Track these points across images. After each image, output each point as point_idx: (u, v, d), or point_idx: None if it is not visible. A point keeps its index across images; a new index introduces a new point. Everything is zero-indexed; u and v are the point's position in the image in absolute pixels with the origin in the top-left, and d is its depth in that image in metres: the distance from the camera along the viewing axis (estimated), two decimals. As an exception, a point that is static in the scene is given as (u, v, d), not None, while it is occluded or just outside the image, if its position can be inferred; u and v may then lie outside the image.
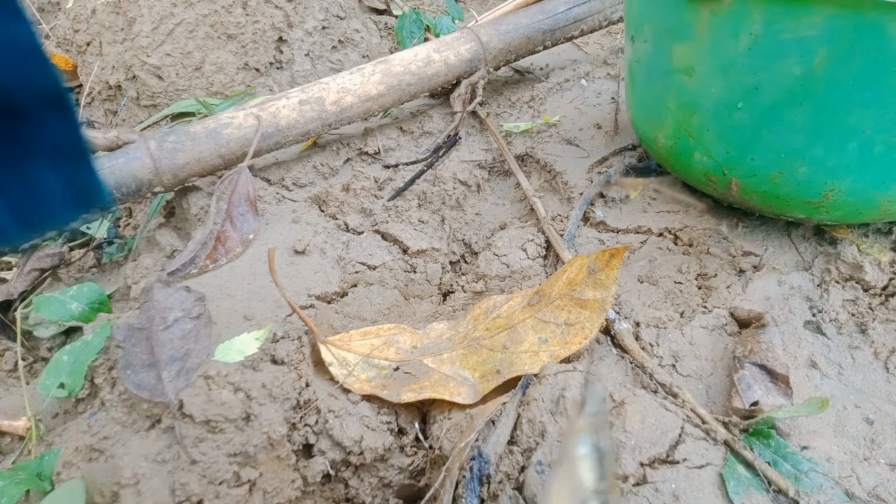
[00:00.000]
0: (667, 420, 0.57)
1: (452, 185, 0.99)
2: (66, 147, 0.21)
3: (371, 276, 0.84)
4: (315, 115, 0.95)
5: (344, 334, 0.69)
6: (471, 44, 1.09)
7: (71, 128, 0.21)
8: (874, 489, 0.56)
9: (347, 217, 0.93)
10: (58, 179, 0.21)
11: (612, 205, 0.92)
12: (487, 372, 0.64)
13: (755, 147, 0.70)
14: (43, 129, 0.20)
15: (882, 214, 0.71)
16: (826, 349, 0.69)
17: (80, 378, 0.65)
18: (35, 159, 0.20)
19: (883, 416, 0.62)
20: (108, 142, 0.85)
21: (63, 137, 0.20)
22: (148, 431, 0.59)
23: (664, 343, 0.69)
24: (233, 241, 0.84)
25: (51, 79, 0.19)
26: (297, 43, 1.17)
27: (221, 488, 0.56)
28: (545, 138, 1.08)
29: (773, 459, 0.56)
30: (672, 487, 0.53)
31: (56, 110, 0.20)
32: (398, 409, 0.66)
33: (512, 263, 0.83)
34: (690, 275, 0.78)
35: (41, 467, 0.58)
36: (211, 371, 0.61)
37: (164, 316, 0.66)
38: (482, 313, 0.70)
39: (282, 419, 0.61)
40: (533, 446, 0.57)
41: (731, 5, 0.65)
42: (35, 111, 0.19)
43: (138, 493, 0.54)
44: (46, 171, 0.21)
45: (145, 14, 1.06)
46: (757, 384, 0.61)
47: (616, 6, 1.22)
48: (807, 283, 0.75)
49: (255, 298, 0.76)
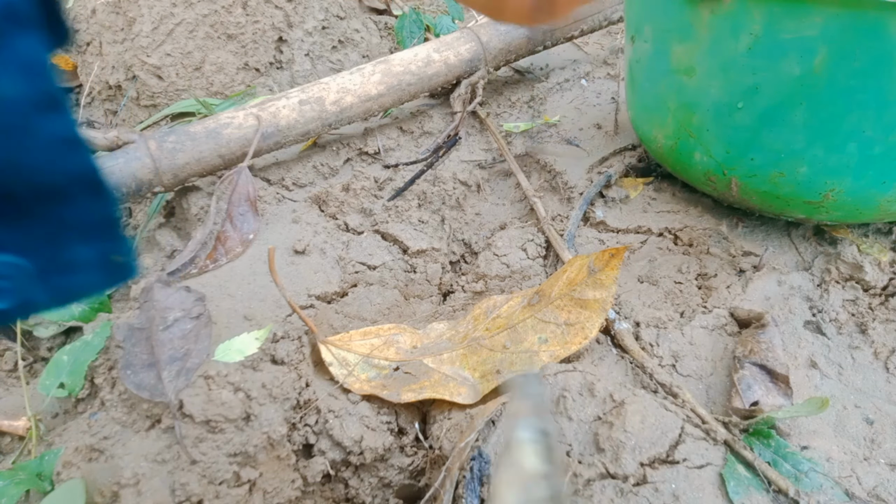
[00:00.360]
0: (667, 420, 0.57)
1: (452, 185, 0.99)
2: (102, 227, 0.22)
3: (371, 276, 0.84)
4: (315, 115, 0.95)
5: (344, 334, 0.69)
6: (471, 44, 1.09)
7: (108, 209, 0.22)
8: (874, 489, 0.56)
9: (347, 217, 0.93)
10: (93, 257, 0.22)
11: (612, 205, 0.92)
12: (487, 372, 0.64)
13: (755, 147, 0.70)
14: (81, 211, 0.21)
15: (882, 214, 0.71)
16: (826, 349, 0.69)
17: (80, 378, 0.65)
18: (73, 239, 0.21)
19: (883, 416, 0.62)
20: (108, 142, 0.85)
21: (100, 218, 0.21)
22: (148, 431, 0.59)
23: (664, 343, 0.69)
24: (233, 241, 0.84)
25: (90, 164, 0.20)
26: (297, 43, 1.17)
27: (221, 488, 0.56)
28: (545, 138, 1.08)
29: (773, 459, 0.56)
30: (672, 487, 0.53)
31: (93, 192, 0.21)
32: (398, 409, 0.66)
33: (512, 263, 0.83)
34: (690, 275, 0.78)
35: (41, 467, 0.58)
36: (211, 371, 0.61)
37: (164, 316, 0.66)
38: (482, 313, 0.70)
39: (282, 419, 0.61)
40: (533, 446, 0.57)
41: (731, 5, 0.65)
42: (74, 194, 0.20)
43: (138, 493, 0.54)
44: (83, 249, 0.22)
45: (145, 14, 1.06)
46: (757, 384, 0.61)
47: (616, 6, 1.22)
48: (807, 283, 0.75)
49: (255, 298, 0.76)
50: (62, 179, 0.20)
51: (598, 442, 0.56)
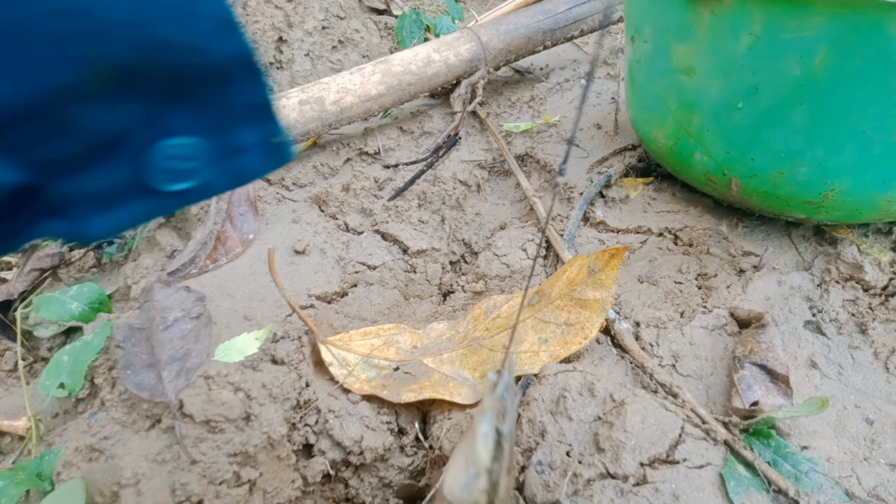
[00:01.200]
0: (667, 420, 0.57)
1: (452, 185, 0.99)
2: (261, 110, 0.23)
3: (371, 276, 0.84)
4: (315, 114, 0.95)
5: (344, 334, 0.69)
6: (471, 44, 1.09)
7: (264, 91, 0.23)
8: (874, 489, 0.56)
9: (347, 217, 0.93)
10: (255, 140, 0.23)
11: (612, 205, 0.92)
12: (487, 372, 0.64)
13: (755, 147, 0.70)
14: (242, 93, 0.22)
15: (882, 214, 0.71)
16: (826, 349, 0.69)
17: (80, 378, 0.65)
18: (237, 122, 0.22)
19: (883, 416, 0.62)
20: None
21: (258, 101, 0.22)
22: (148, 431, 0.59)
23: (664, 343, 0.69)
24: (233, 241, 0.84)
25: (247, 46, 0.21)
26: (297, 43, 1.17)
27: (221, 488, 0.56)
28: (545, 138, 1.08)
29: (773, 459, 0.56)
30: (672, 487, 0.53)
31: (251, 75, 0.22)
32: (398, 409, 0.66)
33: (512, 263, 0.83)
34: (690, 275, 0.78)
35: (41, 467, 0.58)
36: (211, 371, 0.61)
37: (164, 316, 0.66)
38: (482, 313, 0.70)
39: (282, 419, 0.61)
40: (533, 446, 0.57)
41: (731, 6, 0.65)
42: (235, 76, 0.21)
43: (138, 493, 0.54)
44: (246, 132, 0.23)
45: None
46: (757, 384, 0.61)
47: (616, 6, 1.22)
48: (807, 283, 0.75)
49: (255, 298, 0.76)
50: (225, 60, 0.21)
51: (598, 442, 0.56)
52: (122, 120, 0.20)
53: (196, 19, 0.19)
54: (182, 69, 0.20)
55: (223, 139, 0.23)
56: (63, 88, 0.19)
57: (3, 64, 0.17)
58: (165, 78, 0.20)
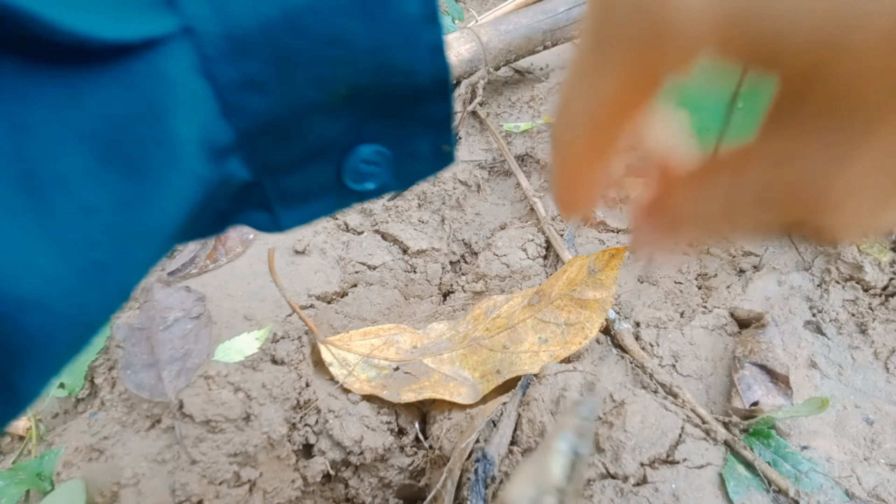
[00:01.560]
0: (667, 420, 0.57)
1: (452, 185, 0.99)
2: (443, 123, 0.25)
3: (371, 276, 0.84)
4: (315, 115, 0.95)
5: (344, 334, 0.69)
6: (471, 44, 1.09)
7: (451, 106, 0.25)
8: (874, 489, 0.56)
9: (347, 217, 0.93)
10: (429, 148, 0.26)
11: (612, 205, 0.92)
12: (487, 372, 0.64)
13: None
14: (433, 108, 0.24)
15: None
16: (826, 349, 0.69)
17: (80, 378, 0.65)
18: (420, 132, 0.25)
19: (883, 416, 0.62)
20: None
21: (443, 115, 0.25)
22: (148, 431, 0.59)
23: (664, 343, 0.69)
24: (233, 240, 0.84)
25: (448, 66, 0.23)
26: (297, 43, 1.17)
27: (221, 488, 0.56)
28: (545, 138, 1.08)
29: (773, 459, 0.56)
30: (672, 487, 0.53)
31: (445, 93, 0.24)
32: (398, 409, 0.66)
33: (512, 263, 0.83)
34: (690, 275, 0.78)
35: (41, 467, 0.58)
36: (211, 371, 0.61)
37: (164, 316, 0.66)
38: (482, 313, 0.70)
39: (282, 419, 0.61)
40: (533, 446, 0.57)
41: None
42: (433, 94, 0.23)
43: (138, 493, 0.54)
44: (424, 141, 0.25)
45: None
46: (757, 384, 0.61)
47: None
48: (807, 283, 0.75)
49: (255, 298, 0.76)
50: (431, 81, 0.23)
51: (598, 442, 0.56)
52: (338, 128, 0.23)
53: (419, 46, 0.22)
54: (396, 88, 0.22)
55: (404, 147, 0.25)
56: (313, 104, 0.21)
57: (279, 83, 0.20)
58: (380, 94, 0.22)
